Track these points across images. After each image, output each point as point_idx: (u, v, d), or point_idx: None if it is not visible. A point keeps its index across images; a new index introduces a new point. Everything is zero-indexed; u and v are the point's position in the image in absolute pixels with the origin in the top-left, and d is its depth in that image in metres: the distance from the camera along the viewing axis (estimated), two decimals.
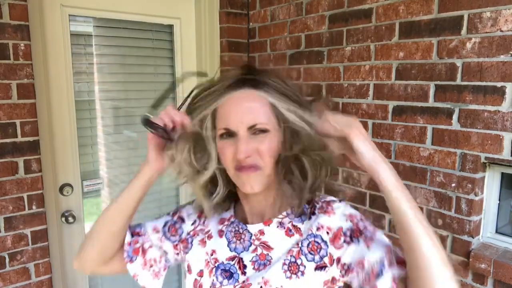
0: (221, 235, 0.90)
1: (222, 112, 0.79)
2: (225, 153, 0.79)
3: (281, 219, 0.84)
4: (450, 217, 1.51)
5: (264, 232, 0.84)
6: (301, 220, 0.83)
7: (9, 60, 1.62)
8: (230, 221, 0.91)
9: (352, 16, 1.77)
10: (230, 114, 0.78)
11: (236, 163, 0.78)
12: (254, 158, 0.77)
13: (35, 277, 1.78)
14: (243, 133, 0.77)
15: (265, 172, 0.78)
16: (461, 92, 1.44)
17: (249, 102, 0.78)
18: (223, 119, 0.79)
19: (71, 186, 1.94)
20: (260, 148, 0.77)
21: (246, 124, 0.77)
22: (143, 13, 2.10)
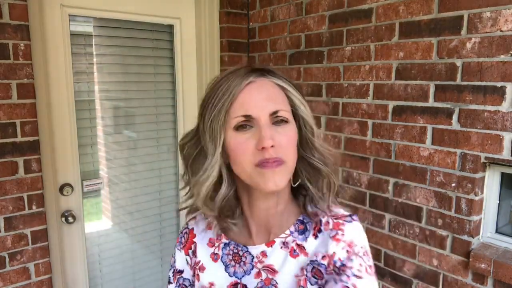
0: (216, 259, 0.82)
1: (239, 100, 0.71)
2: (243, 147, 0.70)
3: (284, 239, 0.77)
4: (450, 217, 1.51)
5: (267, 254, 0.77)
6: (305, 237, 0.76)
7: (9, 60, 1.62)
8: (223, 242, 0.82)
9: (352, 16, 1.77)
10: (250, 100, 0.70)
11: (259, 158, 0.68)
12: (277, 150, 0.69)
13: (35, 277, 1.78)
14: (265, 119, 0.69)
15: (288, 167, 0.71)
16: (461, 92, 1.44)
17: (268, 89, 0.72)
18: (239, 107, 0.70)
19: (71, 186, 1.94)
20: (282, 139, 0.70)
21: (268, 110, 0.70)
22: (143, 13, 2.10)
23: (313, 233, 0.76)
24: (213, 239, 0.83)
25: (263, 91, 0.71)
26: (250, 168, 0.70)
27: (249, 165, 0.70)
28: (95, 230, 2.15)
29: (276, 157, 0.68)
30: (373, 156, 1.75)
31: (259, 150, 0.68)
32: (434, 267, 1.57)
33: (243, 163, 0.70)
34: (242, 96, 0.71)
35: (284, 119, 0.71)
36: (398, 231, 1.68)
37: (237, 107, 0.70)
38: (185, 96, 2.30)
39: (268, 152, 0.68)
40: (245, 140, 0.70)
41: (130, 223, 2.25)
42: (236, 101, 0.71)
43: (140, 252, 2.28)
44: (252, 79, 0.72)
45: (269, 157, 0.68)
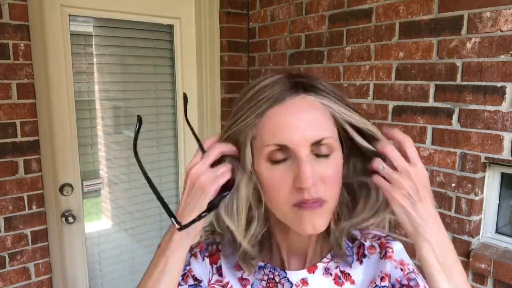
0: (245, 285, 0.69)
1: (271, 124, 0.58)
2: (278, 183, 0.58)
3: (326, 264, 0.69)
4: (450, 217, 1.51)
5: (308, 282, 0.67)
6: (349, 263, 0.69)
7: (9, 60, 1.62)
8: (257, 264, 0.69)
9: (352, 16, 1.77)
10: (286, 126, 0.57)
11: (297, 198, 0.57)
12: (318, 189, 0.57)
13: (35, 277, 1.78)
14: (305, 151, 0.56)
15: (330, 207, 0.60)
16: (461, 92, 1.44)
17: (310, 112, 0.58)
18: (272, 133, 0.57)
19: (71, 186, 1.94)
20: (325, 174, 0.57)
21: (310, 139, 0.56)
22: (143, 13, 2.10)
23: (356, 258, 0.69)
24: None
25: (302, 113, 0.57)
26: (287, 208, 0.59)
27: (285, 205, 0.59)
28: (95, 230, 2.15)
29: (316, 198, 0.57)
30: None
31: (297, 188, 0.57)
32: None
33: (279, 202, 0.59)
34: (275, 120, 0.57)
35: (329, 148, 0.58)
36: (398, 231, 1.68)
37: (268, 133, 0.58)
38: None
39: (308, 193, 0.56)
40: (280, 175, 0.58)
41: (130, 223, 2.25)
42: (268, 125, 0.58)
43: (140, 252, 2.28)
44: (289, 99, 0.58)
45: (308, 198, 0.56)
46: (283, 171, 0.58)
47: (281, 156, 0.58)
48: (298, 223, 0.59)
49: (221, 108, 2.33)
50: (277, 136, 0.57)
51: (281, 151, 0.57)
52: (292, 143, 0.56)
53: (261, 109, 0.58)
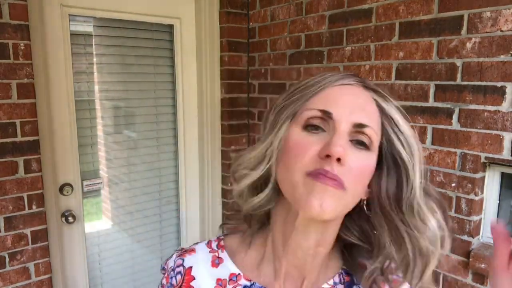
0: None
1: (324, 93, 0.56)
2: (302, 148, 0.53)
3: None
4: (450, 217, 1.51)
5: None
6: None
7: (9, 60, 1.62)
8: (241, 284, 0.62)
9: (352, 16, 1.77)
10: (338, 99, 0.55)
11: (315, 166, 0.52)
12: (342, 170, 0.52)
13: (35, 276, 1.78)
14: (346, 128, 0.53)
15: (347, 196, 0.53)
16: (461, 92, 1.44)
17: (365, 101, 0.56)
18: (320, 100, 0.55)
19: (71, 186, 1.94)
20: (355, 162, 0.53)
21: (355, 119, 0.53)
22: (143, 13, 2.10)
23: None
24: (223, 281, 0.63)
25: (357, 97, 0.56)
26: (300, 176, 0.53)
27: (299, 172, 0.53)
28: (95, 230, 2.15)
29: (336, 175, 0.51)
30: None
31: (321, 159, 0.51)
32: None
33: (294, 168, 0.53)
34: (330, 91, 0.56)
35: (368, 140, 0.54)
36: None
37: (317, 100, 0.55)
38: (185, 96, 2.30)
39: (331, 164, 0.51)
40: (309, 142, 0.53)
41: (130, 223, 2.25)
42: (320, 94, 0.56)
43: (140, 252, 2.28)
44: (349, 81, 0.57)
45: (328, 170, 0.51)
46: (314, 140, 0.53)
47: (320, 124, 0.54)
48: (307, 195, 0.51)
49: (221, 108, 2.33)
50: (324, 103, 0.54)
51: (321, 120, 0.54)
52: (337, 113, 0.53)
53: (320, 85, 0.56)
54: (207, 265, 0.65)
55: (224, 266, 0.64)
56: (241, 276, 0.62)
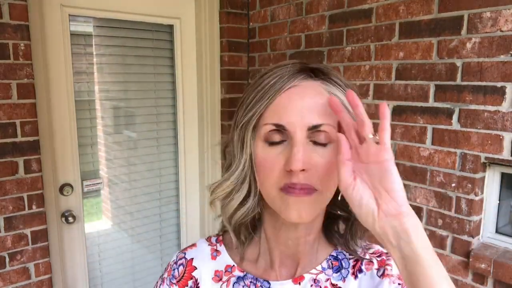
0: None
1: (275, 105, 0.57)
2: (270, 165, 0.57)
3: (315, 275, 0.64)
4: (450, 217, 1.51)
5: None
6: (342, 276, 0.64)
7: (9, 60, 1.62)
8: (234, 275, 0.67)
9: (352, 16, 1.77)
10: (287, 108, 0.56)
11: (285, 181, 0.56)
12: (310, 176, 0.55)
13: (35, 277, 1.78)
14: (301, 135, 0.55)
15: (321, 197, 0.57)
16: (461, 92, 1.44)
17: (314, 96, 0.57)
18: (272, 114, 0.57)
19: (71, 186, 1.94)
20: (320, 162, 0.56)
21: (307, 122, 0.55)
22: (143, 13, 2.10)
23: (352, 272, 0.64)
24: (220, 272, 0.68)
25: (306, 98, 0.57)
26: (274, 192, 0.57)
27: (273, 188, 0.57)
28: (95, 230, 2.15)
29: (305, 184, 0.55)
30: None
31: (287, 172, 0.55)
32: None
33: (268, 184, 0.58)
34: (278, 101, 0.57)
35: (327, 136, 0.56)
36: None
37: (270, 113, 0.57)
38: (185, 96, 2.30)
39: (297, 176, 0.54)
40: (274, 156, 0.57)
41: (130, 223, 2.25)
42: (271, 106, 0.57)
43: (140, 252, 2.28)
44: (296, 83, 0.58)
45: (296, 182, 0.55)
46: (277, 153, 0.57)
47: (278, 137, 0.57)
48: (284, 208, 0.56)
49: (221, 108, 2.33)
50: (276, 116, 0.57)
51: (279, 133, 0.57)
52: (289, 124, 0.56)
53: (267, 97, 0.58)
54: (207, 257, 0.70)
55: (221, 258, 0.69)
56: (235, 268, 0.68)
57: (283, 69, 0.59)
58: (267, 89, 0.58)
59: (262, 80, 0.60)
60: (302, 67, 0.60)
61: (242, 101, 0.62)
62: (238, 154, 0.61)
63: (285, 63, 0.61)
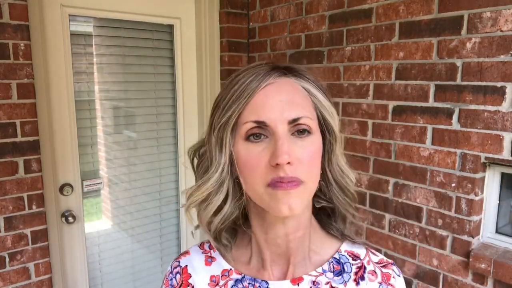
0: None
1: (252, 103, 0.58)
2: (254, 162, 0.58)
3: (315, 277, 0.64)
4: (450, 217, 1.51)
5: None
6: (343, 281, 0.64)
7: (9, 60, 1.62)
8: (232, 278, 0.67)
9: (352, 16, 1.77)
10: (266, 104, 0.58)
11: (272, 176, 0.56)
12: (295, 168, 0.56)
13: (35, 277, 1.78)
14: (283, 129, 0.57)
15: (308, 188, 0.59)
16: (461, 92, 1.44)
17: (290, 91, 0.60)
18: (251, 112, 0.58)
19: (71, 186, 1.94)
20: (303, 154, 0.57)
21: (287, 116, 0.57)
22: (143, 13, 2.10)
23: (354, 278, 0.65)
24: (216, 277, 0.68)
25: (282, 93, 0.59)
26: (261, 188, 0.58)
27: (260, 185, 0.58)
28: (95, 230, 2.15)
29: (292, 177, 0.56)
30: (373, 156, 1.75)
31: (273, 167, 0.56)
32: (434, 267, 1.57)
33: (254, 182, 0.58)
34: (256, 99, 0.58)
35: (307, 128, 0.58)
36: (398, 231, 1.68)
37: (249, 111, 0.58)
38: (185, 96, 2.30)
39: (283, 170, 0.56)
40: (257, 154, 0.57)
41: (130, 223, 2.25)
42: (249, 105, 0.58)
43: (140, 252, 2.28)
44: (271, 80, 0.59)
45: (283, 176, 0.56)
46: (260, 150, 0.58)
47: (259, 131, 0.58)
48: (274, 203, 0.57)
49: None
50: (256, 113, 0.58)
51: (259, 129, 0.58)
52: (270, 120, 0.57)
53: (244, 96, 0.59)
54: (201, 264, 0.71)
55: (217, 263, 0.69)
56: (232, 271, 0.68)
57: (257, 69, 0.61)
58: (243, 88, 0.59)
59: (237, 80, 0.61)
60: (275, 66, 0.62)
61: (218, 103, 0.62)
62: (217, 156, 0.61)
63: (257, 64, 0.63)
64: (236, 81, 0.61)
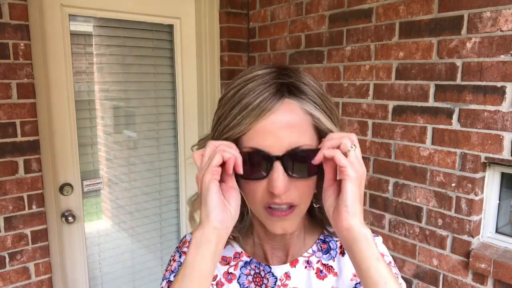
0: (231, 280, 0.72)
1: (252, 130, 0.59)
2: (254, 186, 0.60)
3: (307, 258, 0.71)
4: (450, 217, 1.51)
5: (291, 276, 0.70)
6: (331, 256, 0.72)
7: (9, 59, 1.62)
8: (242, 260, 0.73)
9: (352, 16, 1.77)
10: (263, 131, 0.58)
11: (268, 200, 0.60)
12: (291, 194, 0.60)
13: (35, 276, 1.78)
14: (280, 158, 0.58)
15: (301, 210, 0.63)
16: (461, 92, 1.44)
17: (291, 117, 0.59)
18: (250, 137, 0.59)
19: (71, 186, 1.94)
20: (299, 181, 0.60)
21: (286, 145, 0.58)
22: (143, 13, 2.10)
23: (339, 251, 0.72)
24: (228, 258, 0.73)
25: (283, 122, 0.58)
26: (260, 208, 0.62)
27: (258, 205, 0.62)
28: (95, 230, 2.15)
29: (287, 202, 0.60)
30: (373, 156, 1.75)
31: (270, 192, 0.59)
32: (434, 267, 1.57)
33: (253, 202, 0.63)
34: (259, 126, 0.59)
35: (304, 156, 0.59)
36: (398, 231, 1.68)
37: (249, 137, 0.59)
38: (185, 96, 2.30)
39: (280, 198, 0.59)
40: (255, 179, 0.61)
41: (130, 223, 2.25)
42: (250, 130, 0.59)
43: (140, 252, 2.28)
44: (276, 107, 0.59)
45: (279, 202, 0.59)
46: None
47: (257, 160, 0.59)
48: (270, 225, 0.63)
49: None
50: (254, 140, 0.59)
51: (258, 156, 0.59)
52: (268, 148, 0.58)
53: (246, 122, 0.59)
54: None
55: (230, 246, 0.74)
56: (243, 254, 0.73)
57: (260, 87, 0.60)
58: (248, 112, 0.59)
59: (241, 96, 0.60)
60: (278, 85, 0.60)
61: (221, 116, 0.63)
62: None
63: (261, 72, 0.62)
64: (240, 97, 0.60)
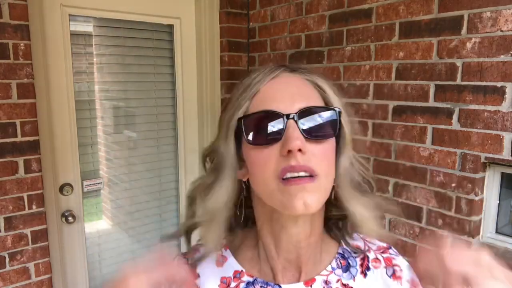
0: None
1: (259, 95, 0.57)
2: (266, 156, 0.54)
3: (326, 277, 0.62)
4: (450, 217, 1.51)
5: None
6: (351, 275, 0.63)
7: (9, 59, 1.62)
8: (244, 281, 0.63)
9: (352, 16, 1.77)
10: (275, 94, 0.56)
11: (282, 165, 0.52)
12: (307, 159, 0.52)
13: (35, 277, 1.78)
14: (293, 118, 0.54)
15: (323, 183, 0.54)
16: (461, 92, 1.44)
17: (299, 85, 0.58)
18: (259, 103, 0.56)
19: (71, 186, 1.94)
20: (315, 148, 0.54)
21: (298, 106, 0.54)
22: (143, 13, 2.10)
23: (360, 270, 0.64)
24: (228, 279, 0.64)
25: (291, 86, 0.57)
26: (273, 183, 0.53)
27: (271, 179, 0.53)
28: (95, 230, 2.15)
29: (304, 166, 0.52)
30: (373, 156, 1.75)
31: (283, 157, 0.52)
32: None
33: (265, 176, 0.54)
34: (264, 90, 0.56)
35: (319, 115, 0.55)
36: (398, 231, 1.68)
37: (257, 103, 0.56)
38: (185, 96, 2.30)
39: (295, 158, 0.52)
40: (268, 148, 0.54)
41: (130, 223, 2.25)
42: (256, 98, 0.56)
43: (140, 252, 2.28)
44: (278, 74, 0.58)
45: (295, 165, 0.51)
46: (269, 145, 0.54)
47: None
48: (287, 200, 0.52)
49: (221, 108, 2.32)
50: (265, 103, 0.55)
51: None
52: (280, 109, 0.54)
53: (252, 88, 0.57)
54: (212, 264, 0.65)
55: (228, 264, 0.65)
56: (244, 273, 0.63)
57: (264, 67, 0.60)
58: (249, 83, 0.58)
59: (244, 80, 0.60)
60: (283, 64, 0.61)
61: (226, 105, 0.61)
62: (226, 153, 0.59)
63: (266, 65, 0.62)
64: (242, 82, 0.60)
